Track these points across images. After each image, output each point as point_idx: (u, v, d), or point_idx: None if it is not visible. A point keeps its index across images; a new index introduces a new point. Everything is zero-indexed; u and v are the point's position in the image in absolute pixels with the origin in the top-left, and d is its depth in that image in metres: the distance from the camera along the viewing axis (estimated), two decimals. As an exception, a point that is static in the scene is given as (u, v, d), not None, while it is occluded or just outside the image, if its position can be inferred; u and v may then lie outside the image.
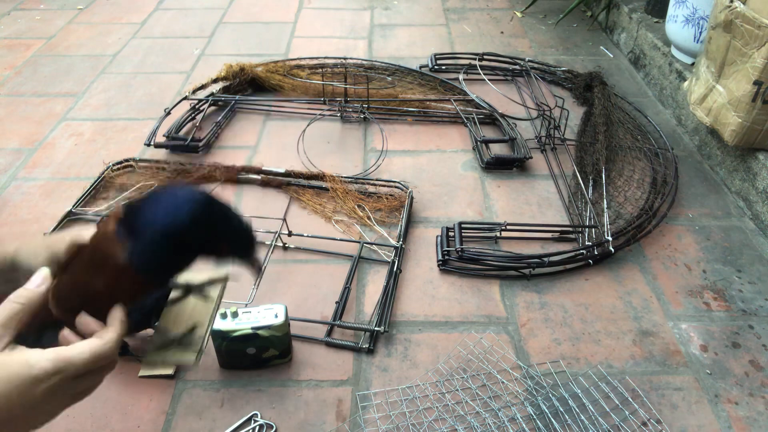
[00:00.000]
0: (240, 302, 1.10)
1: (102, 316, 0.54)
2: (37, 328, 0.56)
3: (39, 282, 0.53)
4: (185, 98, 1.70)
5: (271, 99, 1.76)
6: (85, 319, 0.54)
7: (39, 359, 0.48)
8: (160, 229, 0.50)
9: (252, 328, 0.93)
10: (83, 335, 0.54)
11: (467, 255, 1.20)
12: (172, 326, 0.64)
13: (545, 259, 1.18)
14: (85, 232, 0.59)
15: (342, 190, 1.37)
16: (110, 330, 0.53)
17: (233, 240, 0.55)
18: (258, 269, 0.59)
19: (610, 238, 1.23)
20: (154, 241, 0.50)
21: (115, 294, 0.54)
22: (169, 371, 0.91)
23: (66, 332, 0.54)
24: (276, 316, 0.94)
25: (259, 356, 0.97)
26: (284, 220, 1.25)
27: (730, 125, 1.30)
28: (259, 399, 0.96)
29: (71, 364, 0.49)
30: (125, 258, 0.51)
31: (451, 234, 1.26)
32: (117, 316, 0.54)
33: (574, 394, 0.96)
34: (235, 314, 0.94)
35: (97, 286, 0.53)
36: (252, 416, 0.93)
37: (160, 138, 1.55)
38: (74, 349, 0.50)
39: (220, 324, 0.93)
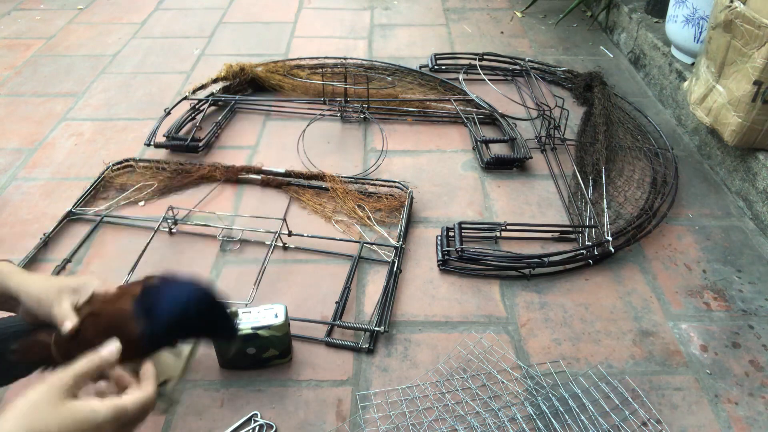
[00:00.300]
0: (240, 302, 1.10)
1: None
2: (34, 361, 0.71)
3: (112, 352, 0.63)
4: (185, 98, 1.70)
5: (271, 99, 1.76)
6: (120, 373, 0.64)
7: (102, 407, 0.57)
8: (172, 319, 0.64)
9: (252, 328, 0.93)
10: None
11: (467, 255, 1.20)
12: None
13: (545, 259, 1.18)
14: (94, 283, 0.71)
15: (342, 190, 1.37)
16: (149, 383, 0.63)
17: (222, 330, 0.71)
18: (232, 353, 0.79)
19: (610, 238, 1.23)
20: (165, 327, 0.65)
21: (122, 355, 0.66)
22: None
23: (102, 385, 0.63)
24: (276, 316, 0.94)
25: (259, 356, 0.97)
26: (284, 220, 1.25)
27: (730, 125, 1.30)
28: (259, 399, 0.96)
29: (126, 412, 0.58)
30: (137, 333, 0.64)
31: (451, 234, 1.26)
32: (149, 371, 0.65)
33: (574, 394, 0.96)
34: (235, 314, 0.94)
35: None
36: (252, 416, 0.93)
37: (160, 138, 1.55)
38: (128, 399, 0.59)
39: None
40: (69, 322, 0.67)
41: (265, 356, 0.98)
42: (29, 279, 0.72)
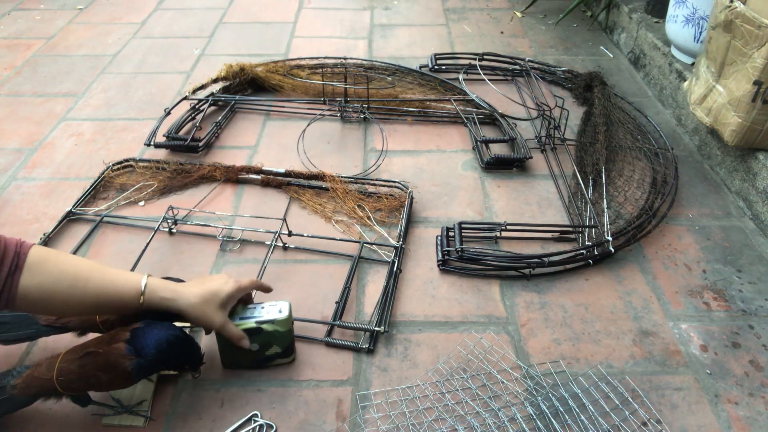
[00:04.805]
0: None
1: (101, 389, 0.89)
2: (35, 394, 0.86)
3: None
4: (185, 98, 1.70)
5: (271, 99, 1.76)
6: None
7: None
8: (156, 357, 0.84)
9: (256, 323, 0.93)
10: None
11: (467, 255, 1.20)
12: (125, 399, 0.93)
13: (545, 259, 1.18)
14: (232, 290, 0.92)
15: (342, 190, 1.37)
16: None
17: (192, 360, 0.92)
18: (196, 375, 0.97)
19: (610, 238, 1.23)
20: (151, 363, 0.84)
21: (113, 384, 0.86)
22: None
23: None
24: (280, 312, 0.94)
25: (261, 354, 0.97)
26: (284, 220, 1.25)
27: (730, 125, 1.30)
28: (259, 399, 0.96)
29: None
30: (130, 368, 0.82)
31: (451, 234, 1.26)
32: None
33: (574, 394, 0.96)
34: (239, 309, 0.94)
35: (103, 379, 0.84)
36: (252, 416, 0.93)
37: (160, 138, 1.55)
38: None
39: None
40: (245, 341, 0.92)
41: (267, 354, 0.97)
42: (187, 298, 0.87)
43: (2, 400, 0.85)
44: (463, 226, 1.27)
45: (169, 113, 1.65)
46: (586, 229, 1.27)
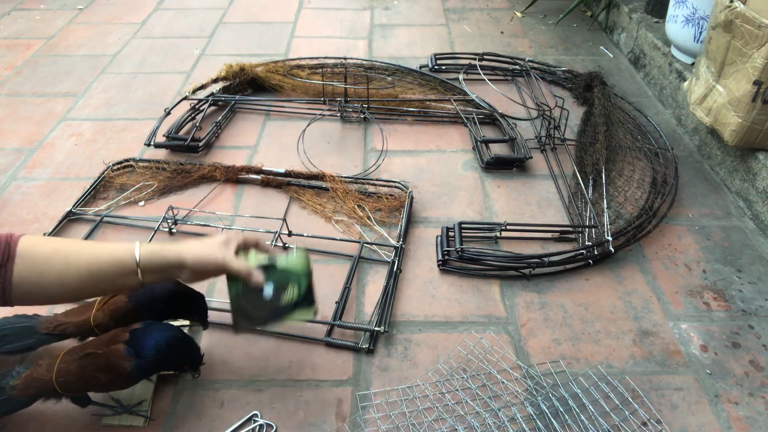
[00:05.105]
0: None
1: (101, 390, 0.89)
2: (34, 394, 0.86)
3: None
4: (185, 98, 1.70)
5: (271, 99, 1.76)
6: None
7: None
8: (155, 358, 0.85)
9: (269, 260, 0.88)
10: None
11: (467, 255, 1.20)
12: (125, 399, 0.93)
13: (545, 259, 1.18)
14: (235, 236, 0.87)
15: (342, 190, 1.37)
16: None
17: (192, 361, 0.93)
18: (196, 375, 0.97)
19: (610, 238, 1.23)
20: (150, 364, 0.85)
21: (112, 385, 0.86)
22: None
23: None
24: (295, 253, 0.90)
25: (277, 304, 0.87)
26: (284, 220, 1.25)
27: (730, 125, 1.30)
28: (259, 399, 0.96)
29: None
30: (129, 369, 0.83)
31: (451, 234, 1.26)
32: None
33: (574, 394, 0.96)
34: (251, 257, 0.88)
35: (102, 380, 0.84)
36: (252, 416, 0.93)
37: (160, 138, 1.55)
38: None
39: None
40: (257, 276, 0.85)
41: (284, 303, 0.87)
42: (185, 245, 0.83)
43: (2, 401, 0.85)
44: (463, 226, 1.27)
45: (169, 113, 1.65)
46: (586, 229, 1.27)
